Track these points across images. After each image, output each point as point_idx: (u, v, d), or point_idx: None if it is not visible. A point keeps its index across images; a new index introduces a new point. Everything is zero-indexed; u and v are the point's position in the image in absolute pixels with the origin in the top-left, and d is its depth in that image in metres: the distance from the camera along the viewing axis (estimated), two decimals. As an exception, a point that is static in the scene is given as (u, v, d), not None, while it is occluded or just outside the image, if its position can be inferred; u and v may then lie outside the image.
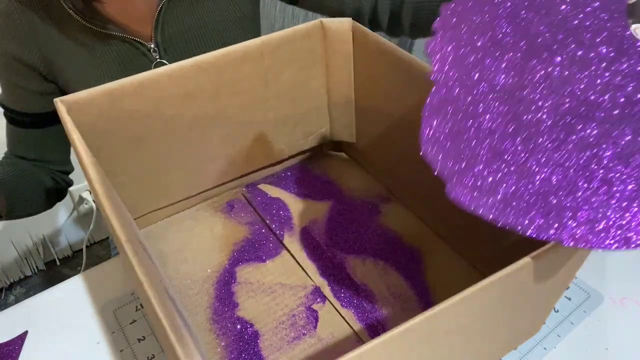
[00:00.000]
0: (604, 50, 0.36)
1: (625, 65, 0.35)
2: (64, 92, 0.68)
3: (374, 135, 0.66)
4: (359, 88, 0.64)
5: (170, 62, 0.63)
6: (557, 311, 0.55)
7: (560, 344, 0.52)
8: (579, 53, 0.36)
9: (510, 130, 0.35)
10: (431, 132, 0.36)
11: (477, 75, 0.37)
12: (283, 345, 0.50)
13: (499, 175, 0.34)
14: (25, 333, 0.53)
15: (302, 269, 0.57)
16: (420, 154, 0.35)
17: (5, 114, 0.69)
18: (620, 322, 0.54)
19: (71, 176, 0.79)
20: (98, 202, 0.39)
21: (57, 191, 0.76)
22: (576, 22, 0.36)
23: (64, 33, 0.63)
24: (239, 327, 0.52)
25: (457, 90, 0.36)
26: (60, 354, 0.51)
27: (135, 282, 0.41)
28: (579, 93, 0.35)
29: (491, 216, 0.33)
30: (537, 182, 0.34)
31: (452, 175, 0.35)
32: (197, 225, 0.63)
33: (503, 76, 0.36)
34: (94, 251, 1.51)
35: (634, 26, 0.63)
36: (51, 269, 1.49)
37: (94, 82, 0.64)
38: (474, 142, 0.35)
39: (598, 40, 0.36)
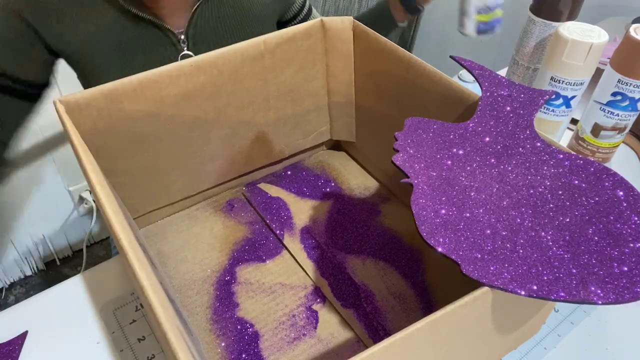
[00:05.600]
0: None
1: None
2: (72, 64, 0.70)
3: (374, 135, 0.65)
4: (359, 88, 0.64)
5: (196, 55, 0.65)
6: (557, 311, 0.55)
7: (560, 344, 0.52)
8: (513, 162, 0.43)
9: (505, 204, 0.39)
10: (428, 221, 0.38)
11: (450, 175, 0.42)
12: (283, 346, 0.50)
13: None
14: (25, 333, 0.53)
15: (302, 269, 0.57)
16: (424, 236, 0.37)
17: None
18: (620, 322, 0.54)
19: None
20: (98, 203, 0.39)
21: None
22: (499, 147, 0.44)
23: (101, 10, 0.65)
24: (239, 327, 0.52)
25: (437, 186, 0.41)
26: (60, 354, 0.51)
27: (135, 284, 0.41)
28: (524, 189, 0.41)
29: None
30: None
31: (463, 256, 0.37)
32: (197, 224, 0.63)
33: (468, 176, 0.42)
34: (94, 251, 1.52)
35: (634, 26, 0.63)
36: (51, 269, 1.49)
37: (117, 62, 0.67)
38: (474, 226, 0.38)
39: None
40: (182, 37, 0.69)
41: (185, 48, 0.70)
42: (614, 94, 0.64)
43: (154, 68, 0.49)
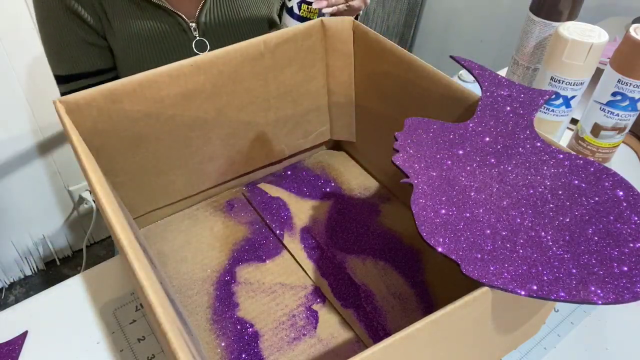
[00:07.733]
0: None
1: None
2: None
3: (374, 135, 0.65)
4: (359, 88, 0.64)
5: (209, 43, 0.73)
6: (557, 311, 0.55)
7: (560, 344, 0.52)
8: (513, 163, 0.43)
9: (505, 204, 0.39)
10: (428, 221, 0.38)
11: (450, 175, 0.42)
12: (283, 346, 0.50)
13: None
14: (25, 333, 0.53)
15: (302, 269, 0.57)
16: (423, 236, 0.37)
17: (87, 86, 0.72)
18: (620, 322, 0.54)
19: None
20: (98, 203, 0.39)
21: None
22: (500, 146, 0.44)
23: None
24: (239, 327, 0.52)
25: (437, 186, 0.41)
26: (60, 354, 0.51)
27: (135, 284, 0.41)
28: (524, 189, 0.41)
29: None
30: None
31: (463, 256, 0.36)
32: (197, 224, 0.63)
33: (467, 176, 0.42)
34: (94, 251, 1.52)
35: (634, 26, 0.63)
36: (51, 269, 1.49)
37: (134, 49, 0.72)
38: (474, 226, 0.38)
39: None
40: (193, 24, 0.73)
41: (197, 35, 0.73)
42: (614, 94, 0.64)
43: (168, 56, 0.50)
